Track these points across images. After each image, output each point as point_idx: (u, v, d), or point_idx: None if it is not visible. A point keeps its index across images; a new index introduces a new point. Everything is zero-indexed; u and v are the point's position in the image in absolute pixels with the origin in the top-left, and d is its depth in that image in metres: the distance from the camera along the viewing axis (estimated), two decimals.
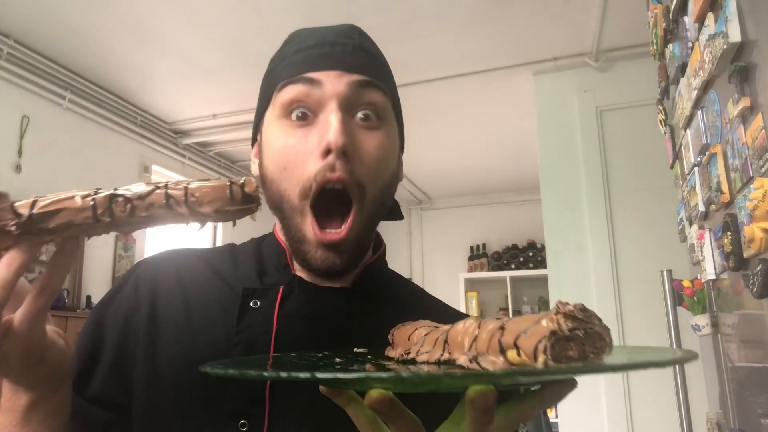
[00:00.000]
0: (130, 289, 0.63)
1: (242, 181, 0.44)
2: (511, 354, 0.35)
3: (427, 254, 6.05)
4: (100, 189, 0.43)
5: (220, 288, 0.63)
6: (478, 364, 0.37)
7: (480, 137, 4.30)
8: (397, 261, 5.93)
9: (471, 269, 5.77)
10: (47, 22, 2.74)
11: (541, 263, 5.32)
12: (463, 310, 5.45)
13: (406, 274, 6.02)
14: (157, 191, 0.43)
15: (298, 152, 0.57)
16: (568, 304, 0.34)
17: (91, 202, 0.42)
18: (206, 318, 0.61)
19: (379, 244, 0.70)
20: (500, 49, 3.02)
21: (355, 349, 0.56)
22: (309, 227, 0.57)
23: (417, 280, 5.94)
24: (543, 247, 5.13)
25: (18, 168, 2.94)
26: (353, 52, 0.60)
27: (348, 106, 0.58)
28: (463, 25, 2.78)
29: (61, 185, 3.18)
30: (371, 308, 0.64)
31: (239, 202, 0.43)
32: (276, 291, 0.61)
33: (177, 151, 4.12)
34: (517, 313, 5.48)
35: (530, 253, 5.58)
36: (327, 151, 0.55)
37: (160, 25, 2.77)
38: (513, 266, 5.58)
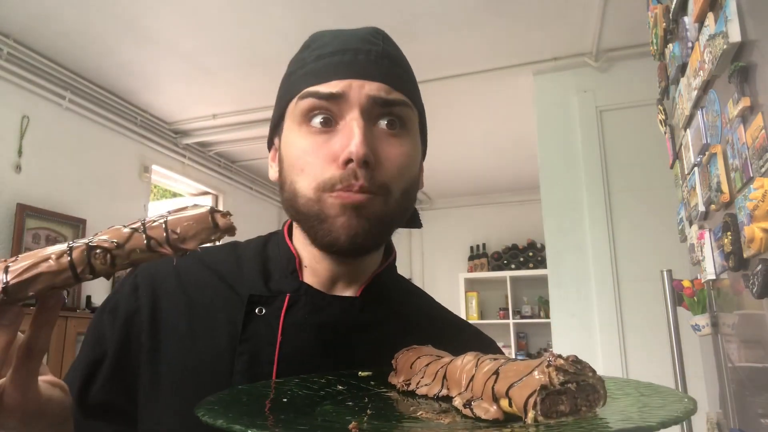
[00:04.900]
0: (128, 291, 0.62)
1: (225, 210, 0.42)
2: (504, 403, 0.35)
3: (427, 254, 6.05)
4: (73, 243, 0.39)
5: (223, 292, 0.62)
6: (471, 410, 0.37)
7: (480, 137, 4.29)
8: (397, 261, 5.91)
9: (471, 269, 5.76)
10: (47, 22, 2.74)
11: (541, 263, 5.32)
12: (463, 310, 5.45)
13: (406, 274, 6.01)
14: (136, 235, 0.40)
15: (318, 157, 0.56)
16: (560, 356, 0.34)
17: (68, 262, 0.38)
18: (209, 324, 0.59)
19: (389, 253, 0.69)
20: (500, 49, 3.02)
21: (360, 373, 0.55)
22: (330, 205, 0.55)
23: (417, 280, 5.94)
24: (543, 247, 5.13)
25: (18, 168, 2.93)
26: (377, 60, 0.59)
27: (370, 115, 0.57)
28: (463, 25, 2.78)
29: (61, 185, 3.18)
30: (379, 320, 0.63)
31: (223, 231, 0.41)
32: (282, 299, 0.60)
33: (177, 151, 4.12)
34: (517, 313, 5.49)
35: (530, 253, 5.58)
36: (348, 161, 0.54)
37: (160, 25, 2.77)
38: (513, 266, 5.58)
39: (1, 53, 2.81)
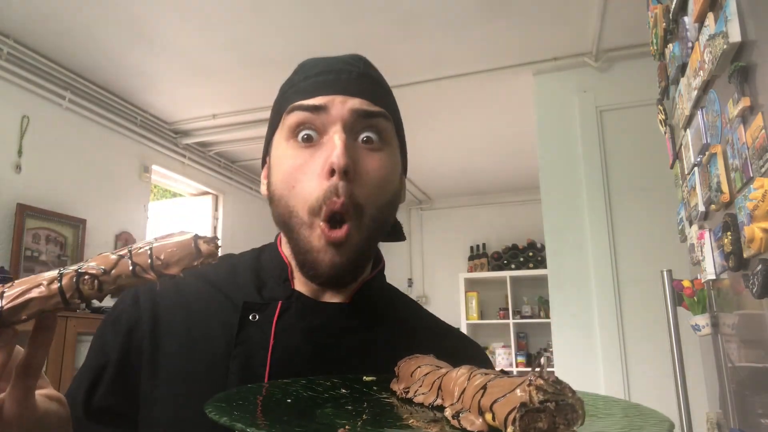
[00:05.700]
0: (129, 302, 0.65)
1: (210, 236, 0.44)
2: (488, 417, 0.37)
3: (427, 254, 6.05)
4: (63, 270, 0.42)
5: (219, 301, 0.65)
6: (459, 421, 0.39)
7: (480, 137, 4.30)
8: (397, 262, 5.93)
9: (471, 269, 5.76)
10: (47, 22, 2.74)
11: (541, 263, 5.32)
12: (463, 310, 5.45)
13: (406, 275, 6.02)
14: (122, 261, 0.42)
15: (305, 172, 0.59)
16: (541, 377, 0.35)
17: (58, 288, 0.41)
18: (206, 330, 0.62)
19: (378, 261, 0.72)
20: (500, 49, 3.02)
21: (365, 378, 0.58)
22: (317, 236, 0.59)
23: (417, 281, 5.95)
24: (543, 247, 5.12)
25: (18, 168, 2.93)
26: (357, 78, 0.64)
27: (351, 129, 0.61)
28: (463, 25, 2.78)
29: (61, 185, 3.19)
30: (368, 325, 0.65)
31: (206, 256, 0.43)
32: (275, 306, 0.63)
33: (177, 151, 4.12)
34: (517, 313, 5.49)
35: (530, 253, 5.58)
36: (331, 172, 0.57)
37: (161, 25, 2.77)
38: (513, 266, 5.58)
39: (1, 53, 2.81)
